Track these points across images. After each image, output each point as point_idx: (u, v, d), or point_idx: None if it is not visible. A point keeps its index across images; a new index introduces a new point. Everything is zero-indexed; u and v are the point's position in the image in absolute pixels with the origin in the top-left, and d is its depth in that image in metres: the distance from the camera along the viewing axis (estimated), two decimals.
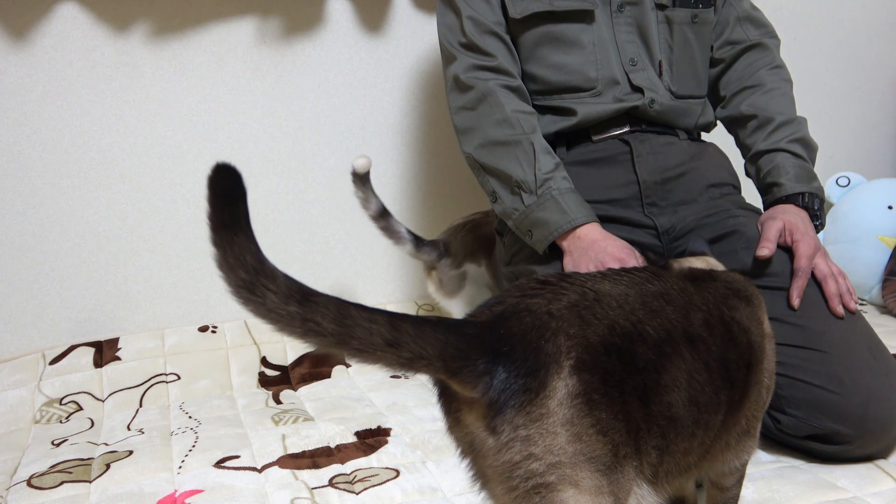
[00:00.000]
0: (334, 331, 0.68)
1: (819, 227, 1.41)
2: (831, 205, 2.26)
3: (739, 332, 0.91)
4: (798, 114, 1.53)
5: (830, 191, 2.28)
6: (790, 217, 1.37)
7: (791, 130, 1.47)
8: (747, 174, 1.53)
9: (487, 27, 1.44)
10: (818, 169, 1.49)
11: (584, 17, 1.44)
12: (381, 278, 2.02)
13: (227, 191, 0.69)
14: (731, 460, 0.99)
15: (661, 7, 1.48)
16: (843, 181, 2.26)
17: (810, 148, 1.48)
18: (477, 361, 0.73)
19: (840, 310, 1.29)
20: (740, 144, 1.55)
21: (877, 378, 1.24)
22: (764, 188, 1.47)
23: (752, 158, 1.50)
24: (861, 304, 2.13)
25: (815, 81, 2.36)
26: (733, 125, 1.56)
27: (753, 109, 1.50)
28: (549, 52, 1.45)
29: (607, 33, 1.45)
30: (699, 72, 1.54)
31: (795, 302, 1.30)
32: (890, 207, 2.10)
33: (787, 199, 1.42)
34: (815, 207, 1.41)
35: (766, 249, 1.32)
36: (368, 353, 0.70)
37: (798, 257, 1.31)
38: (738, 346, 0.91)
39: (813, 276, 1.33)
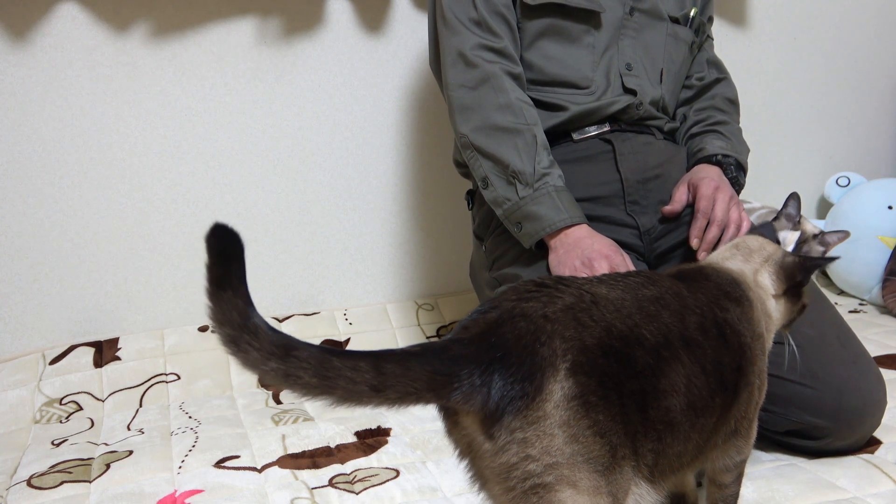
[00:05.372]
0: (317, 383, 0.71)
1: (736, 188, 1.44)
2: (831, 205, 2.26)
3: (731, 335, 0.92)
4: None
5: (830, 191, 2.28)
6: (693, 174, 1.43)
7: (728, 128, 1.54)
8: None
9: (497, 8, 1.43)
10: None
11: (591, 18, 1.45)
12: (381, 278, 2.02)
13: (222, 250, 0.75)
14: (719, 459, 0.99)
15: (674, 21, 1.52)
16: (843, 181, 2.26)
17: (741, 143, 1.53)
18: (472, 378, 0.73)
19: (702, 256, 1.33)
20: (684, 141, 1.59)
21: (847, 368, 1.27)
22: (690, 164, 1.52)
23: (686, 141, 1.56)
24: (861, 304, 2.13)
25: (815, 81, 2.36)
26: (680, 131, 1.61)
27: (703, 115, 1.57)
28: (549, 43, 1.46)
29: (610, 38, 1.46)
30: (678, 92, 1.59)
31: (693, 242, 1.34)
32: (890, 207, 2.10)
33: (700, 161, 1.47)
34: (731, 169, 1.45)
35: (669, 206, 1.40)
36: (355, 401, 0.72)
37: (698, 199, 1.36)
38: (731, 349, 0.91)
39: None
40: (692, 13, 1.54)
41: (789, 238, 1.95)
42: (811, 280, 1.46)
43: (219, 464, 1.34)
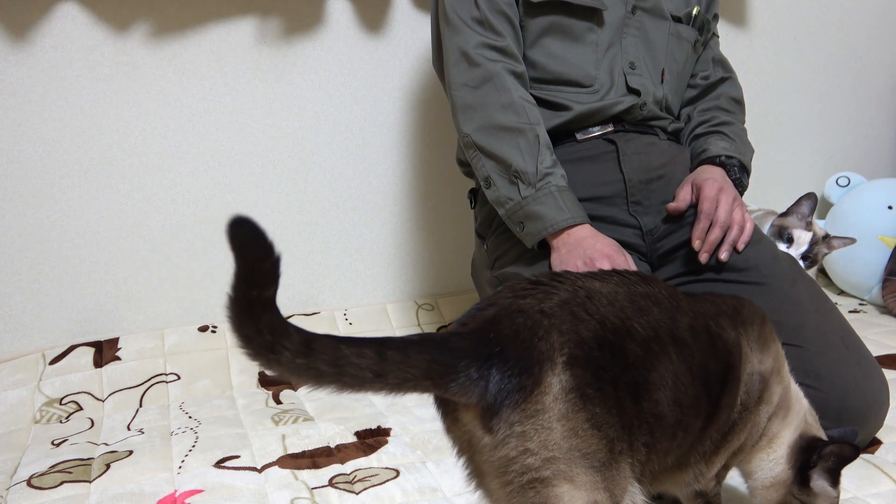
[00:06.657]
0: (331, 372, 0.72)
1: (739, 189, 1.45)
2: (831, 205, 2.26)
3: (722, 348, 0.91)
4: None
5: (830, 191, 2.28)
6: (697, 174, 1.43)
7: (733, 128, 1.54)
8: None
9: (499, 6, 1.43)
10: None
11: (594, 16, 1.45)
12: (381, 278, 2.02)
13: (250, 245, 0.67)
14: (680, 479, 0.96)
15: (676, 20, 1.52)
16: (843, 181, 2.26)
17: (746, 144, 1.53)
18: (469, 371, 0.74)
19: (704, 257, 1.34)
20: (688, 142, 1.59)
21: (851, 369, 1.27)
22: (693, 165, 1.52)
23: (690, 141, 1.56)
24: (861, 304, 2.13)
25: (815, 81, 2.36)
26: (684, 132, 1.61)
27: (707, 116, 1.58)
28: (553, 41, 1.46)
29: (613, 36, 1.46)
30: (682, 91, 1.59)
31: (695, 244, 1.34)
32: (890, 207, 2.10)
33: (703, 162, 1.47)
34: (735, 170, 1.46)
35: (673, 204, 1.40)
36: (359, 386, 0.73)
37: (701, 200, 1.36)
38: (718, 360, 0.90)
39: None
40: (695, 11, 1.54)
41: (803, 238, 1.94)
42: (813, 283, 1.46)
43: (219, 464, 1.34)
